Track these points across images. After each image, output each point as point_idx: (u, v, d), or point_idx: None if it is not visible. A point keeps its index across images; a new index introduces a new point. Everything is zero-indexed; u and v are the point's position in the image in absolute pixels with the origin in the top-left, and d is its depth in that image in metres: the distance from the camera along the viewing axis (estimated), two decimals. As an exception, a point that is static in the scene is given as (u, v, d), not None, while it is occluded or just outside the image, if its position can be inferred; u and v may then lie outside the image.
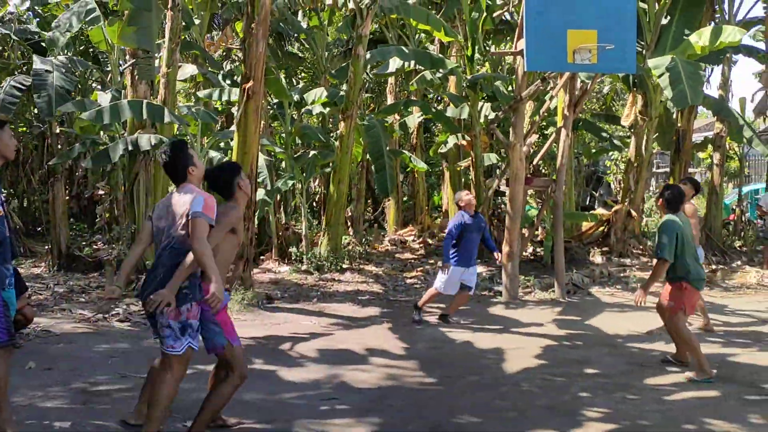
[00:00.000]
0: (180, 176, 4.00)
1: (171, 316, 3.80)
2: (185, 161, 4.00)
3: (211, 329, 4.05)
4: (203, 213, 3.77)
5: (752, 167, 22.02)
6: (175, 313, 3.80)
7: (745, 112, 14.71)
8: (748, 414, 4.79)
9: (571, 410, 4.93)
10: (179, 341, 3.84)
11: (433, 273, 11.51)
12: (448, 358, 6.45)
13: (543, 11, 8.21)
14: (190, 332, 3.87)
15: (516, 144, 9.55)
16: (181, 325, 3.83)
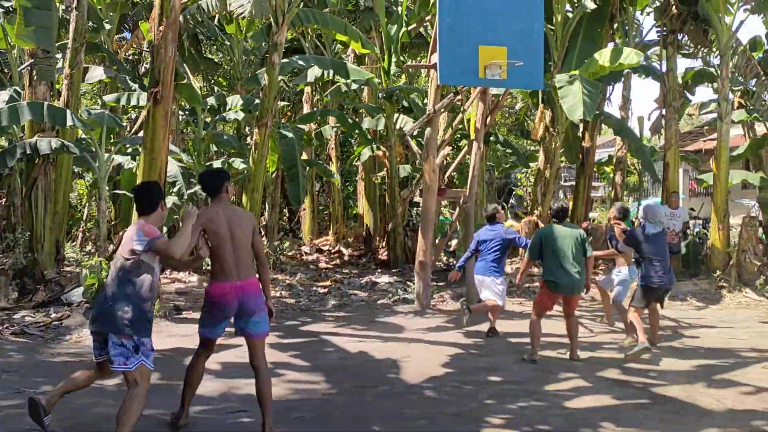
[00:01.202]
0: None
1: (124, 336, 3.93)
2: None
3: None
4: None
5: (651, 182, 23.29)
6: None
7: (642, 130, 15.54)
8: (642, 418, 5.02)
9: (478, 417, 5.03)
10: (132, 359, 3.96)
11: (347, 282, 11.54)
12: (358, 369, 6.45)
13: (456, 27, 8.41)
14: (143, 350, 4.01)
15: (429, 156, 9.71)
16: (134, 344, 3.97)
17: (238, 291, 4.42)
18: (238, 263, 4.44)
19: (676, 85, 12.76)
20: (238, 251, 4.44)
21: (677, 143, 13.20)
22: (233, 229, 4.45)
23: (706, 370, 6.44)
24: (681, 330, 8.47)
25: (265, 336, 4.63)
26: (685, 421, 4.92)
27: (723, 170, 11.82)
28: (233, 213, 4.56)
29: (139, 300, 4.01)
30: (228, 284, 4.41)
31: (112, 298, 4.00)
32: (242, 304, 4.42)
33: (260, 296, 4.53)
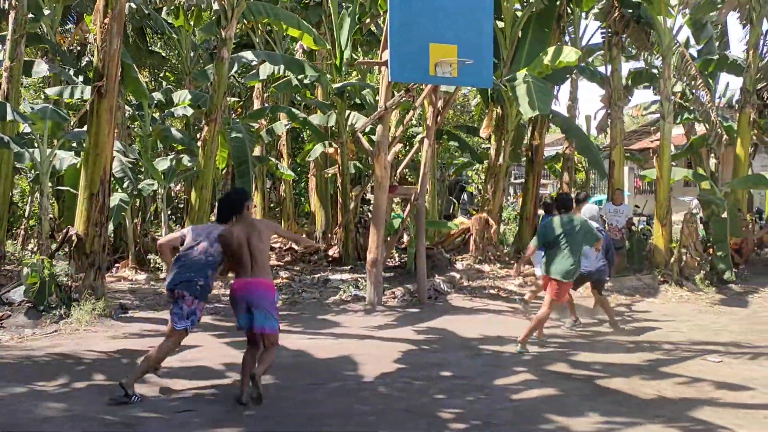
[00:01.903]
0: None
1: (187, 304, 5.25)
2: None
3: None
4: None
5: (597, 179, 23.85)
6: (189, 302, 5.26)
7: (589, 129, 15.91)
8: (586, 409, 5.14)
9: (428, 412, 5.07)
10: (182, 322, 5.27)
11: (299, 280, 11.47)
12: (310, 366, 6.42)
13: (406, 24, 8.43)
14: (192, 319, 5.30)
15: (380, 153, 9.72)
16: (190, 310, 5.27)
17: (248, 285, 5.26)
18: (253, 263, 5.28)
19: (621, 85, 13.08)
20: (253, 256, 5.28)
21: (622, 142, 13.54)
22: (250, 238, 5.28)
23: (649, 362, 6.64)
24: (625, 324, 8.69)
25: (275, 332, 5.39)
26: (627, 412, 5.05)
27: (665, 168, 12.17)
28: (251, 226, 5.40)
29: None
30: (241, 281, 5.30)
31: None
32: (249, 298, 5.23)
33: (266, 295, 5.30)
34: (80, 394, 5.39)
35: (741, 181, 12.02)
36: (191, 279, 5.26)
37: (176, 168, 12.02)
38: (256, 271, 5.25)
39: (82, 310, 7.93)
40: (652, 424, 4.80)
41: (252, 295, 5.22)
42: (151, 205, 13.98)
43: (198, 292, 5.28)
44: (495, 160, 13.22)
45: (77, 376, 5.86)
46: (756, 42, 12.39)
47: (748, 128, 12.43)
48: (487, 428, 4.76)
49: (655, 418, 4.92)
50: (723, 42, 14.37)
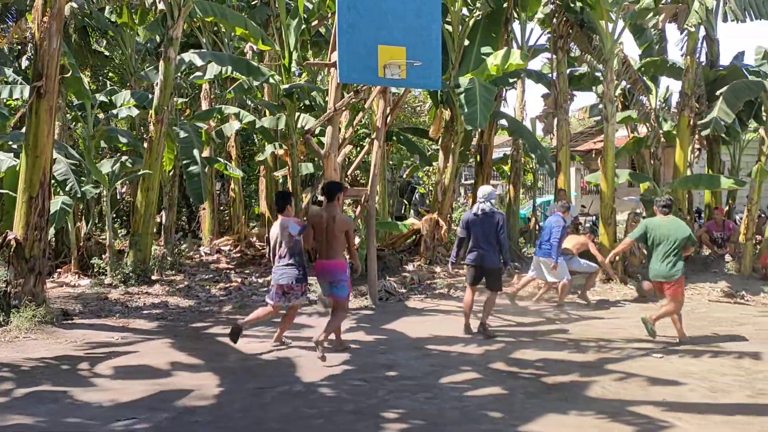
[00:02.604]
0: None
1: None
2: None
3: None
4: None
5: (545, 181, 24.32)
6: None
7: (536, 131, 16.19)
8: (532, 407, 5.23)
9: (376, 413, 5.08)
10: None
11: (248, 284, 11.35)
12: (258, 370, 6.36)
13: (355, 26, 8.45)
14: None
15: (330, 154, 9.71)
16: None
17: (324, 266, 6.86)
18: (328, 247, 6.82)
19: (566, 88, 13.37)
20: (328, 240, 6.78)
21: (568, 143, 13.84)
22: (329, 224, 6.75)
23: (594, 359, 6.79)
24: (571, 321, 8.88)
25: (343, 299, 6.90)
26: (573, 409, 5.16)
27: (609, 169, 12.49)
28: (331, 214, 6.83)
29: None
30: (319, 262, 6.92)
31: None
32: (326, 275, 6.88)
33: (336, 272, 6.81)
34: (19, 403, 5.22)
35: (681, 181, 12.41)
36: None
37: (121, 170, 11.74)
38: (330, 254, 6.78)
39: (21, 317, 7.68)
40: (597, 419, 4.91)
41: (327, 272, 6.81)
42: (95, 208, 13.64)
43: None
44: (445, 161, 13.33)
45: (16, 385, 5.67)
46: (693, 48, 12.81)
47: (687, 130, 12.83)
48: (435, 428, 4.79)
49: (600, 414, 5.03)
50: (661, 46, 14.80)
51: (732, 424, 4.89)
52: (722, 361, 6.75)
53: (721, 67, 14.03)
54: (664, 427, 4.78)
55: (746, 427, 4.84)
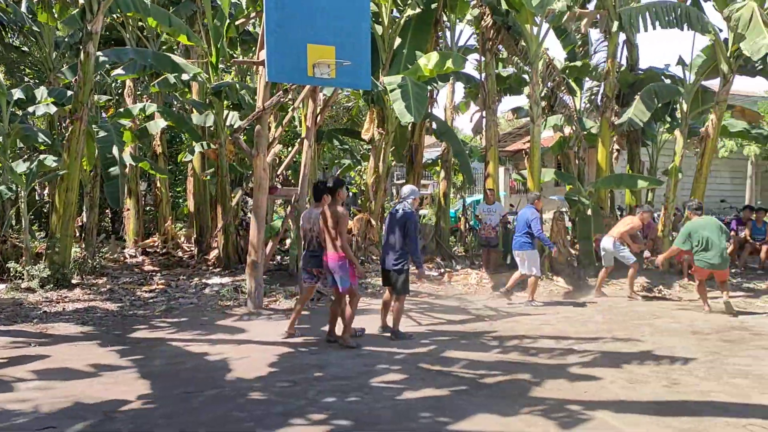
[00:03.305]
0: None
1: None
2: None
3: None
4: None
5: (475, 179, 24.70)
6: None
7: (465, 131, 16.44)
8: (463, 404, 5.30)
9: (306, 414, 5.03)
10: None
11: (175, 286, 11.08)
12: (187, 373, 6.20)
13: (283, 24, 8.34)
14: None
15: (260, 153, 9.57)
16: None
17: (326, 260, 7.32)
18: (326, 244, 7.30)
19: (495, 89, 13.62)
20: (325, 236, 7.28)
21: (497, 143, 14.11)
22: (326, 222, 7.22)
23: (522, 355, 6.94)
24: (499, 319, 9.05)
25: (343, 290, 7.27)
26: (503, 406, 5.24)
27: (536, 169, 12.81)
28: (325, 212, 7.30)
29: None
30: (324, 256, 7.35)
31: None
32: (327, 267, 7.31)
33: (335, 265, 7.20)
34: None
35: (603, 181, 12.84)
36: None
37: (38, 169, 11.23)
38: (328, 248, 7.22)
39: (-72, 325, 7.25)
40: (524, 415, 5.01)
41: (328, 265, 7.26)
42: (11, 210, 13.01)
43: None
44: (376, 161, 13.37)
45: None
46: (614, 51, 13.28)
47: (609, 131, 13.30)
48: (366, 428, 4.78)
49: (527, 409, 5.13)
50: (586, 50, 15.29)
51: (649, 413, 5.09)
52: (640, 353, 7.02)
53: (640, 70, 14.61)
54: (586, 419, 4.93)
55: (661, 416, 5.04)
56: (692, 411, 5.11)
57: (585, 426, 4.78)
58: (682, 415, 5.02)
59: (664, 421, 4.90)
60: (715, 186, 23.03)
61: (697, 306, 9.93)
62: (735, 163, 25.05)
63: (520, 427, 4.76)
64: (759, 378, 6.07)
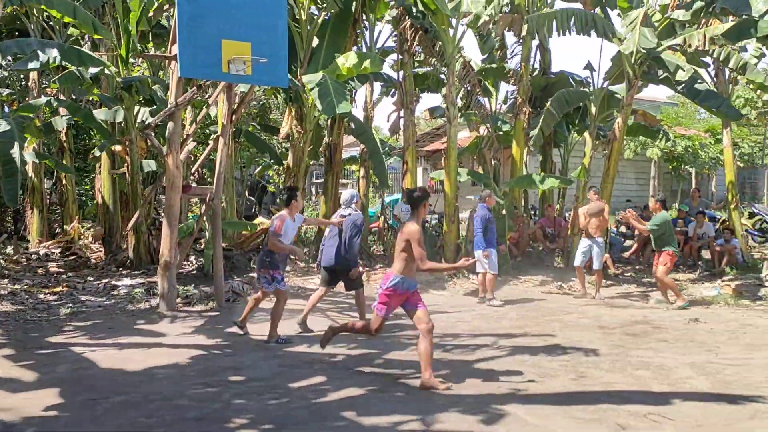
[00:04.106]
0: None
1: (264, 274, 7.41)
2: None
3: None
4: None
5: (394, 179, 24.92)
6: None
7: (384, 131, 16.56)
8: (379, 404, 5.32)
9: (221, 418, 4.92)
10: (271, 285, 7.36)
11: (82, 288, 10.62)
12: (93, 379, 5.94)
13: (197, 18, 8.14)
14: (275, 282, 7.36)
15: (172, 151, 9.29)
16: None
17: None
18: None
19: (413, 89, 13.76)
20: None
21: (415, 144, 14.26)
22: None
23: (438, 352, 7.03)
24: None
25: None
26: (420, 404, 5.29)
27: (452, 168, 13.03)
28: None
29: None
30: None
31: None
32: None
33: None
34: None
35: (516, 181, 13.20)
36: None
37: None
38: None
39: None
40: (440, 413, 5.07)
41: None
42: None
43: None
44: (294, 159, 13.24)
45: None
46: (527, 55, 13.69)
47: (522, 133, 13.68)
48: (282, 430, 4.73)
49: (448, 407, 5.19)
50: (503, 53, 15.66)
51: (558, 405, 5.26)
52: (550, 348, 7.26)
53: (551, 74, 15.11)
54: (501, 414, 5.04)
55: (569, 406, 5.23)
56: (597, 401, 5.32)
57: (500, 422, 4.88)
58: (589, 404, 5.23)
59: (571, 412, 5.08)
60: (622, 186, 24.14)
61: (603, 302, 10.39)
62: (639, 165, 26.32)
63: (436, 425, 4.82)
64: (659, 369, 6.40)
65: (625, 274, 13.30)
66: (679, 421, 4.90)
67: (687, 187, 25.39)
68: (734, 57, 12.67)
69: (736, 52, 12.74)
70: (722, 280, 11.87)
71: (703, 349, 7.24)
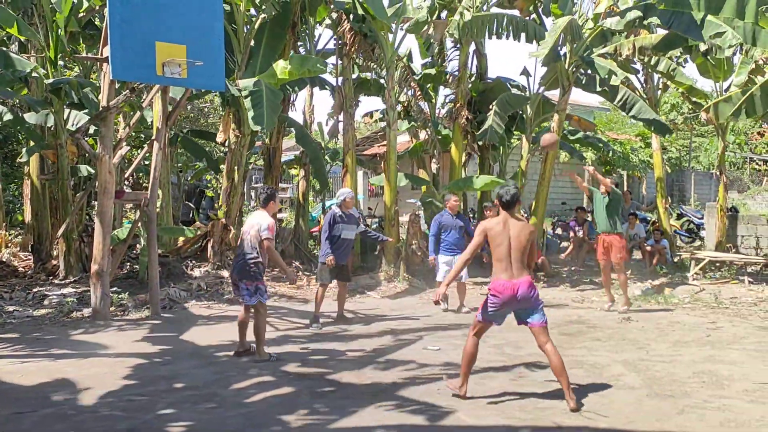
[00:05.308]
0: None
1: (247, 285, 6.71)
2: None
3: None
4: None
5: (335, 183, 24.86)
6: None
7: (323, 135, 16.50)
8: (317, 405, 5.31)
9: (154, 429, 4.80)
10: (253, 298, 6.72)
11: (9, 298, 10.19)
12: (18, 393, 5.69)
13: (129, 19, 7.95)
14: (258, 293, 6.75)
15: (104, 155, 9.02)
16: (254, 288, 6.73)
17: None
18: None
19: (352, 93, 13.76)
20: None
21: (354, 148, 14.25)
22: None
23: (377, 353, 7.06)
24: (357, 321, 9.15)
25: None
26: (358, 403, 5.30)
27: (392, 172, 13.09)
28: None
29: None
30: None
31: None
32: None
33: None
34: None
35: (454, 183, 13.36)
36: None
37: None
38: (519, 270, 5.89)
39: None
40: (386, 411, 5.10)
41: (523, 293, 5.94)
42: None
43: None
44: (231, 164, 13.05)
45: None
46: (465, 61, 13.89)
47: (461, 136, 13.87)
48: (218, 437, 4.65)
49: (386, 406, 5.23)
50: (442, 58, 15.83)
51: (495, 406, 5.34)
52: (487, 349, 7.36)
53: (489, 79, 15.37)
54: (441, 415, 5.09)
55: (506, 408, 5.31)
56: (533, 402, 5.42)
57: (441, 422, 4.93)
58: (525, 406, 5.32)
59: (508, 412, 5.16)
60: (558, 189, 24.71)
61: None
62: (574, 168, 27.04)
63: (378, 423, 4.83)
64: (593, 367, 6.57)
65: (562, 275, 13.61)
66: (613, 417, 5.04)
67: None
68: (663, 62, 13.19)
69: (665, 58, 13.27)
70: (652, 280, 12.29)
71: (634, 347, 7.47)
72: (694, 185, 27.44)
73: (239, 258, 6.77)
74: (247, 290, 6.72)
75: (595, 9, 12.95)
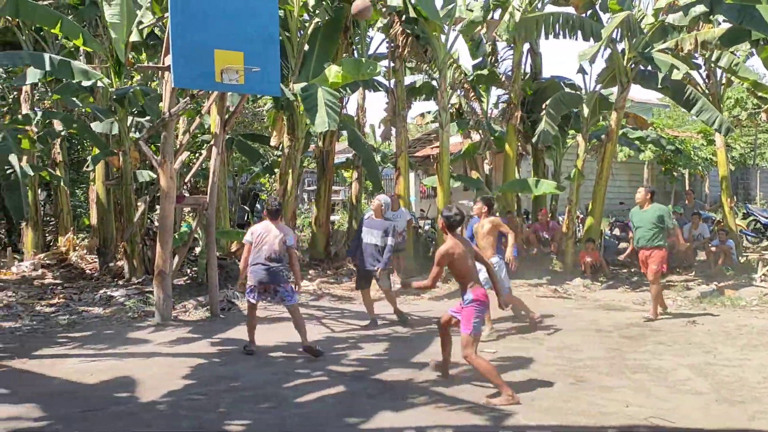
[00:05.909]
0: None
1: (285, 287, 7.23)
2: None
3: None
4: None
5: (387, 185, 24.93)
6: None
7: (375, 137, 16.58)
8: (372, 406, 5.35)
9: (215, 428, 4.93)
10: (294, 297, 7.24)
11: (79, 299, 10.61)
12: (89, 392, 5.93)
13: (189, 28, 8.15)
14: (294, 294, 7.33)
15: (166, 161, 9.29)
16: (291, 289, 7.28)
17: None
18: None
19: (404, 96, 13.79)
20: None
21: (406, 149, 14.28)
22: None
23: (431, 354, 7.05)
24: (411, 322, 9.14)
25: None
26: (412, 402, 5.32)
27: (445, 174, 13.06)
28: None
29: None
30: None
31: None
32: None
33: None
34: None
35: (509, 185, 13.23)
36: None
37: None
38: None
39: None
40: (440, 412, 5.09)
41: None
42: None
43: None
44: (286, 167, 13.24)
45: None
46: (519, 60, 13.75)
47: (515, 137, 13.73)
48: (277, 437, 4.74)
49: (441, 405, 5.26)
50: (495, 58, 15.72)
51: (557, 410, 5.27)
52: (547, 352, 7.27)
53: (543, 79, 15.18)
54: (505, 414, 5.06)
55: (569, 411, 5.24)
56: (598, 406, 5.33)
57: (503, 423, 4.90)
58: (589, 408, 5.23)
59: (571, 417, 5.09)
60: (615, 189, 24.18)
61: (599, 305, 10.40)
62: (633, 167, 26.37)
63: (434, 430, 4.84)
64: (657, 371, 6.41)
65: (621, 277, 13.31)
66: (680, 423, 4.91)
67: (680, 188, 25.46)
68: (726, 56, 12.74)
69: (728, 52, 12.82)
70: (718, 281, 11.89)
71: (701, 351, 7.25)
72: (760, 183, 26.45)
73: (269, 265, 7.12)
74: (287, 292, 7.20)
75: (655, 4, 12.63)
